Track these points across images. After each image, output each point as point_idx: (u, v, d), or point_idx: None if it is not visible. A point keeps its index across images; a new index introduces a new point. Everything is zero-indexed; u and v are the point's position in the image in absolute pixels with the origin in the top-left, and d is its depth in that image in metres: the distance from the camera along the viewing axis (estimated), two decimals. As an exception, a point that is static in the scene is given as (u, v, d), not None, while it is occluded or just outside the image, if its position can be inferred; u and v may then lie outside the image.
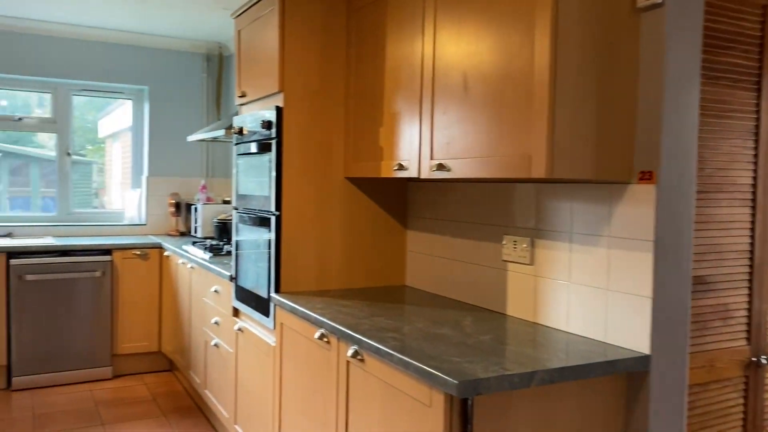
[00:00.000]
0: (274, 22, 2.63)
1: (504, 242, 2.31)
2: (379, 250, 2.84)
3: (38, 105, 4.90)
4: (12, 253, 4.13)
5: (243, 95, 3.01)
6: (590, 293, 1.95)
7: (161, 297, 4.57)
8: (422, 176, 2.18)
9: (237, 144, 3.05)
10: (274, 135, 2.60)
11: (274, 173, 2.60)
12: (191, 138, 4.38)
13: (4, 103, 4.79)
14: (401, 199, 2.89)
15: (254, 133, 2.81)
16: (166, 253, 4.50)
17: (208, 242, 4.15)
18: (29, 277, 4.13)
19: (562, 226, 2.06)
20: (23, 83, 4.74)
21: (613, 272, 1.87)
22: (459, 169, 1.98)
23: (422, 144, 2.18)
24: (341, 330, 2.03)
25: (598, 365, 1.70)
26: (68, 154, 4.92)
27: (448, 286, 2.62)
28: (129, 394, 4.15)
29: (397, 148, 2.35)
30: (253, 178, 2.83)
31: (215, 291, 3.41)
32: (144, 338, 4.53)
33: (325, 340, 2.17)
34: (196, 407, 3.93)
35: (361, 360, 1.95)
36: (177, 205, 5.06)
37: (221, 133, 3.64)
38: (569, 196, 2.03)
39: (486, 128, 1.88)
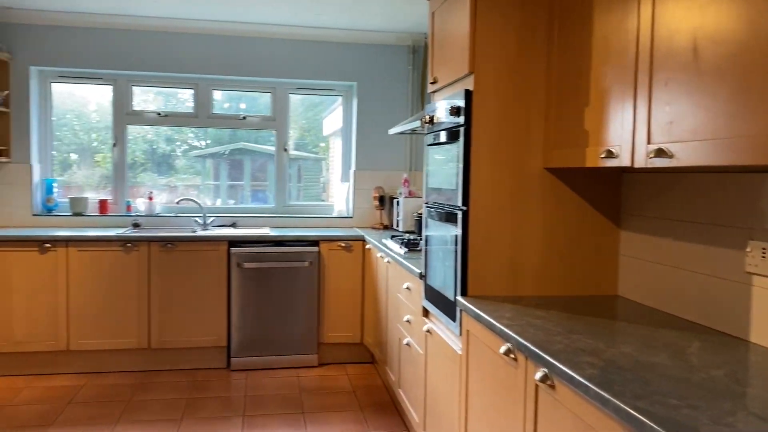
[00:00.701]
0: (465, -2, 2.37)
1: (748, 249, 1.80)
2: (584, 252, 2.45)
3: (252, 103, 5.24)
4: (233, 241, 4.43)
5: (434, 81, 2.80)
6: None
7: (363, 289, 4.60)
8: (636, 165, 1.77)
9: (428, 134, 2.85)
10: (462, 122, 2.35)
11: (461, 164, 2.36)
12: (392, 131, 4.31)
13: (227, 105, 5.19)
14: (614, 193, 2.46)
15: (443, 121, 2.59)
16: (367, 246, 4.50)
17: (407, 237, 4.04)
18: (246, 265, 4.40)
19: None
20: (245, 84, 5.09)
21: None
22: (685, 156, 1.55)
23: (637, 125, 1.77)
24: (529, 348, 1.72)
25: None
26: (285, 150, 5.18)
27: (670, 299, 2.15)
28: (331, 383, 4.22)
29: (606, 131, 1.95)
30: (441, 170, 2.62)
31: (407, 288, 3.28)
32: (347, 329, 4.60)
33: (512, 356, 1.87)
34: (393, 405, 3.85)
35: (551, 386, 1.63)
36: (381, 199, 5.06)
37: (417, 124, 3.48)
38: None
39: (724, 102, 1.43)
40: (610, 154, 1.89)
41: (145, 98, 5.04)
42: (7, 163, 4.64)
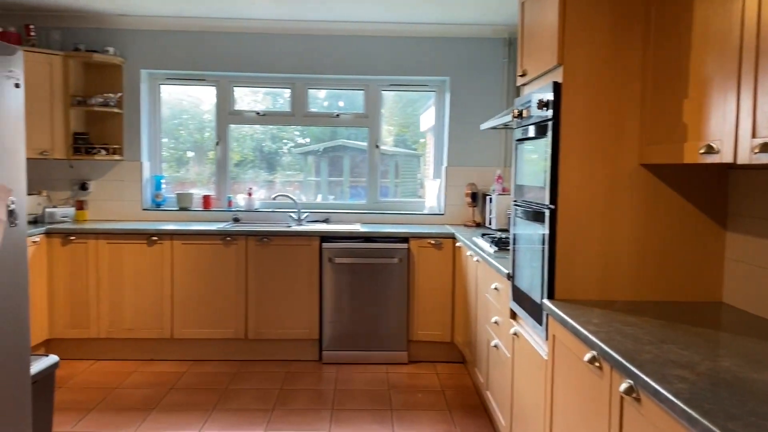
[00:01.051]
0: (555, -14, 2.26)
1: None
2: (685, 255, 2.27)
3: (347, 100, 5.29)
4: (324, 236, 4.50)
5: (523, 74, 2.70)
6: None
7: (454, 288, 4.54)
8: (739, 161, 1.61)
9: (517, 128, 2.76)
10: (550, 116, 2.25)
11: (549, 160, 2.25)
12: (484, 126, 4.21)
13: (326, 104, 5.28)
14: (719, 192, 2.26)
15: (531, 115, 2.49)
16: (458, 244, 4.43)
17: (498, 235, 3.94)
18: (338, 260, 4.47)
19: None
20: (339, 82, 5.15)
21: None
22: (795, 151, 1.40)
23: (740, 117, 1.61)
24: (614, 357, 1.61)
25: None
26: (377, 147, 5.20)
27: (781, 309, 1.95)
28: (420, 381, 4.20)
29: (706, 124, 1.79)
30: (530, 167, 2.52)
31: (495, 288, 3.19)
32: (438, 327, 4.56)
33: (597, 365, 1.77)
34: (482, 407, 3.78)
35: (637, 399, 1.52)
36: (473, 196, 4.97)
37: (509, 118, 3.38)
38: None
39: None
40: (710, 150, 1.73)
41: (253, 98, 5.23)
42: (120, 161, 4.96)
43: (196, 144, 5.29)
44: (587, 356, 1.80)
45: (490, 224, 4.73)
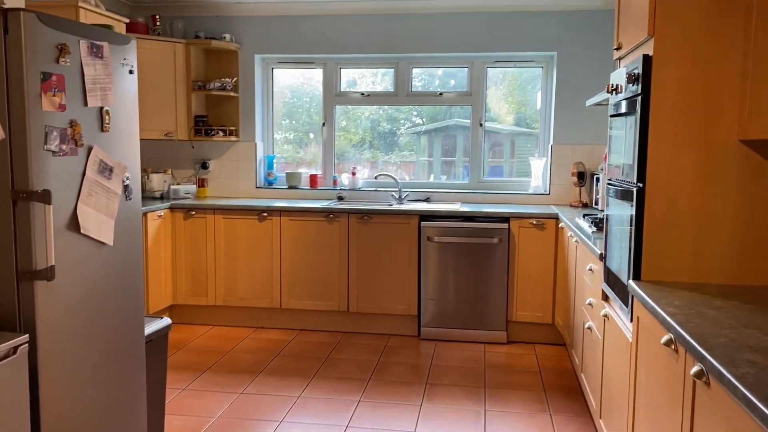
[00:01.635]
0: (648, -48, 2.15)
1: None
2: (790, 237, 2.11)
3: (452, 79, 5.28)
4: (424, 216, 4.57)
5: (619, 47, 2.60)
6: None
7: (556, 269, 4.45)
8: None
9: (610, 104, 2.66)
10: (639, 90, 2.16)
11: (637, 137, 2.17)
12: (589, 102, 4.07)
13: (437, 82, 5.31)
14: (834, 170, 2.08)
15: (622, 90, 2.40)
16: (560, 225, 4.34)
17: (600, 216, 3.81)
18: (437, 239, 4.52)
19: None
20: (443, 60, 5.16)
21: None
22: None
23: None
24: (686, 339, 1.56)
25: None
26: (480, 125, 5.17)
27: None
28: (517, 362, 4.19)
29: (805, 96, 1.66)
30: (620, 144, 2.43)
31: (590, 269, 3.11)
32: (538, 308, 4.50)
33: (673, 347, 1.71)
34: (579, 390, 3.71)
35: (707, 383, 1.46)
36: (580, 175, 4.82)
37: (606, 96, 3.25)
38: None
39: None
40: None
41: (358, 79, 5.38)
42: (236, 141, 5.29)
43: (306, 126, 5.52)
44: (664, 338, 1.74)
45: (596, 204, 4.57)
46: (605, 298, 2.78)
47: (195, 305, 4.87)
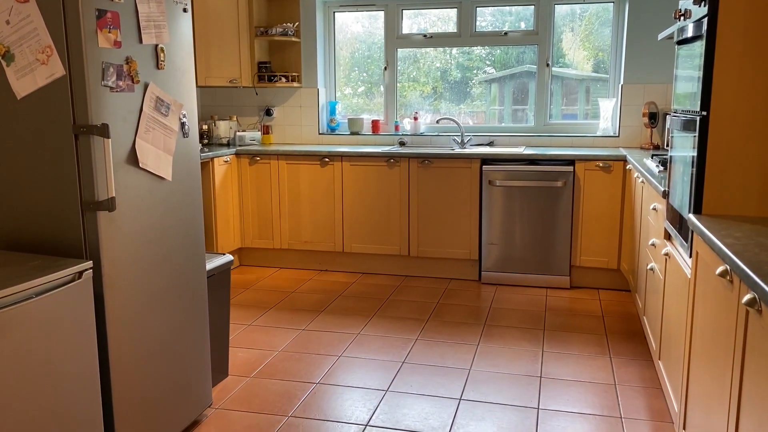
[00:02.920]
0: None
1: None
2: None
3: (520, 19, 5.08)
4: (485, 159, 4.50)
5: (688, -32, 2.42)
6: None
7: (622, 213, 4.31)
8: None
9: (677, 30, 2.50)
10: (705, 12, 2.01)
11: (702, 62, 2.03)
12: (662, 35, 3.84)
13: (522, 24, 5.14)
14: None
15: (690, 15, 2.25)
16: (628, 167, 4.17)
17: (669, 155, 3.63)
18: (498, 183, 4.45)
19: None
20: (508, -1, 4.98)
21: None
22: None
23: None
24: (740, 267, 1.48)
25: None
26: (547, 65, 4.99)
27: None
28: (579, 306, 4.12)
29: None
30: (686, 73, 2.29)
31: (653, 209, 2.99)
32: (603, 254, 4.39)
33: (728, 278, 1.63)
34: (642, 335, 3.63)
35: (759, 311, 1.39)
36: (652, 116, 4.60)
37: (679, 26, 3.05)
38: None
39: None
40: None
41: (418, 21, 5.28)
42: (298, 87, 5.33)
43: (376, 76, 5.48)
44: (719, 269, 1.67)
45: (668, 146, 4.36)
46: (668, 236, 2.68)
47: (262, 248, 5.03)
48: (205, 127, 5.23)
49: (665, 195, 2.64)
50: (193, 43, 4.79)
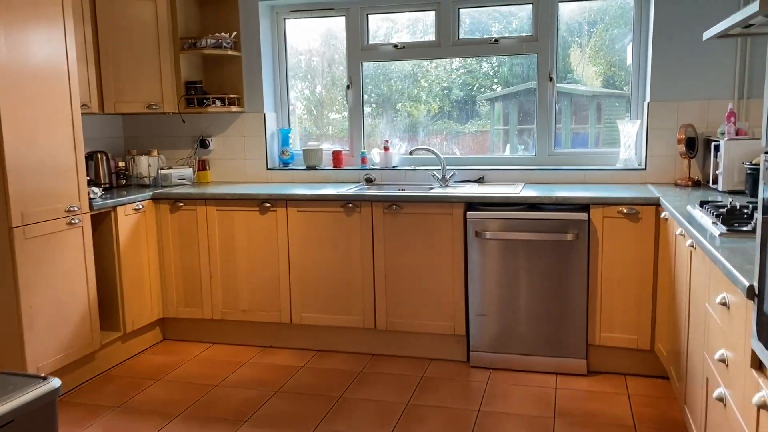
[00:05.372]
0: None
1: None
2: None
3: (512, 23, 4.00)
4: (471, 203, 3.40)
5: None
6: None
7: (656, 276, 3.19)
8: None
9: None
10: None
11: None
12: (708, 34, 2.75)
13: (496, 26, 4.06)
14: None
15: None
16: (663, 214, 3.06)
17: (728, 203, 2.51)
18: (488, 235, 3.34)
19: None
20: (499, -4, 3.91)
21: None
22: None
23: None
24: None
25: None
26: (550, 79, 3.90)
27: None
28: (601, 406, 2.99)
29: None
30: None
31: (723, 303, 1.87)
32: (630, 329, 3.26)
33: None
34: (693, 462, 2.49)
35: None
36: (690, 142, 3.49)
37: (754, 9, 1.96)
38: None
39: None
40: None
41: (380, 27, 4.22)
42: (239, 113, 4.27)
43: (330, 90, 4.42)
44: None
45: (714, 183, 3.26)
46: (758, 365, 1.55)
47: (189, 318, 3.94)
48: (122, 164, 4.17)
49: (752, 294, 1.53)
50: (95, 58, 3.76)
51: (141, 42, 3.88)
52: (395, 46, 4.13)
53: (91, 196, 3.46)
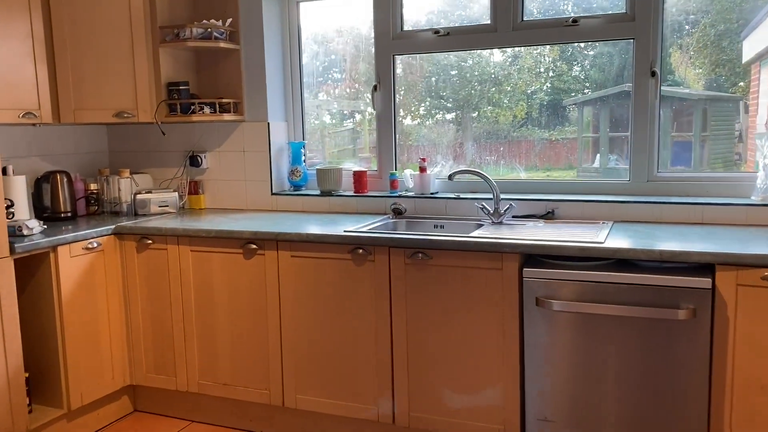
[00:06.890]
0: None
1: None
2: None
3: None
4: (531, 254, 2.32)
5: None
6: None
7: (828, 382, 1.99)
8: None
9: None
10: None
11: None
12: None
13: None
14: None
15: None
16: None
17: None
18: (556, 304, 2.25)
19: None
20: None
21: None
22: None
23: None
24: None
25: None
26: (652, 75, 2.75)
27: None
28: None
29: None
30: None
31: None
32: (780, 455, 2.07)
33: None
34: None
35: None
36: None
37: None
38: None
39: None
40: None
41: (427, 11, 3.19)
42: (239, 122, 3.36)
43: (357, 93, 3.43)
44: None
45: None
46: None
47: (161, 389, 3.05)
48: (94, 186, 3.35)
49: None
50: (48, 54, 2.94)
51: (109, 33, 3.04)
52: (437, 32, 3.09)
53: (25, 232, 2.64)
